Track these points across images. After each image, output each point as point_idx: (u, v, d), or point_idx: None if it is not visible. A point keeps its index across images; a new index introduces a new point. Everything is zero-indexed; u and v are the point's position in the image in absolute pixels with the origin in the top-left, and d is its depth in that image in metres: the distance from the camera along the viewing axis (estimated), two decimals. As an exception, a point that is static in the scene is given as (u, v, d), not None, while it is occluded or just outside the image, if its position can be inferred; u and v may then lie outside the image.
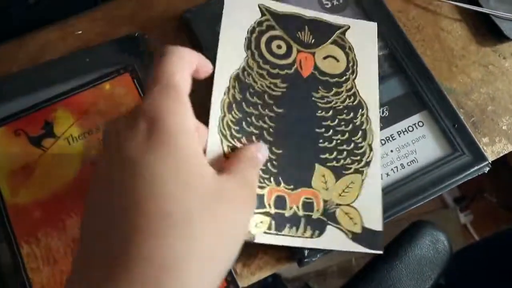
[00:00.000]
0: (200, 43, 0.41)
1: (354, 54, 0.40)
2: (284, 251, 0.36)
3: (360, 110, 0.38)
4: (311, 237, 0.34)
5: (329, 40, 0.40)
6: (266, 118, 0.36)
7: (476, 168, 0.38)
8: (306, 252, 0.35)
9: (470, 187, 1.24)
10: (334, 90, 0.39)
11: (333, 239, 0.34)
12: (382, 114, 0.40)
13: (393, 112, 0.40)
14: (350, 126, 0.38)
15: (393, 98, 0.41)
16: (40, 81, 0.39)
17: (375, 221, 0.36)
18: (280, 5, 0.40)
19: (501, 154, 0.40)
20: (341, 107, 0.38)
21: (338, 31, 0.40)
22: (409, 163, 0.39)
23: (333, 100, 0.38)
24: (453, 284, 0.63)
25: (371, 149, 0.37)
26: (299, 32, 0.40)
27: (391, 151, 0.39)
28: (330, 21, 0.41)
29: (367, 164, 0.37)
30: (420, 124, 0.40)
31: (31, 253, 0.35)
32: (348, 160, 0.37)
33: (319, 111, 0.38)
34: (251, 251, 0.36)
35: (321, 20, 0.40)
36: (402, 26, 0.42)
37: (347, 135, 0.38)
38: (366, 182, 0.37)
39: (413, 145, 0.39)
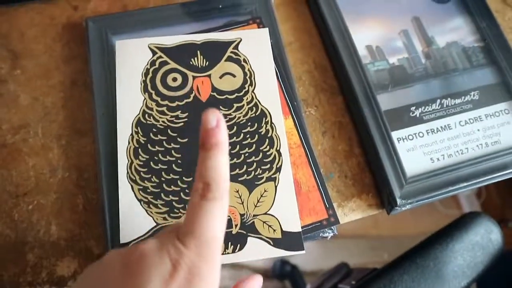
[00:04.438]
0: (323, 18, 0.45)
1: (250, 65, 0.41)
2: (376, 199, 0.40)
3: (264, 118, 0.39)
4: (233, 252, 0.35)
5: (223, 58, 0.41)
6: (172, 151, 0.38)
7: (554, 156, 0.42)
8: (398, 201, 0.39)
9: (495, 215, 1.27)
10: (235, 106, 0.40)
11: (255, 250, 0.35)
12: (473, 96, 0.44)
13: (483, 97, 0.44)
14: (256, 137, 0.39)
15: (485, 85, 0.45)
16: (174, 19, 0.44)
17: (293, 223, 0.36)
18: (170, 39, 0.42)
19: None
20: (244, 120, 0.39)
21: (231, 47, 0.42)
22: (492, 143, 0.43)
23: (235, 116, 0.39)
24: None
25: (279, 154, 0.38)
26: (192, 59, 0.41)
27: (478, 130, 0.43)
28: (222, 39, 0.42)
29: (278, 170, 0.38)
30: (506, 111, 0.44)
31: None
32: (259, 171, 0.38)
33: None
34: (347, 194, 0.40)
35: (213, 41, 0.42)
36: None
37: (254, 146, 0.38)
38: (279, 187, 0.37)
39: (498, 128, 0.43)
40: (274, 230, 0.36)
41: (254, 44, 0.42)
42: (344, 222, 0.40)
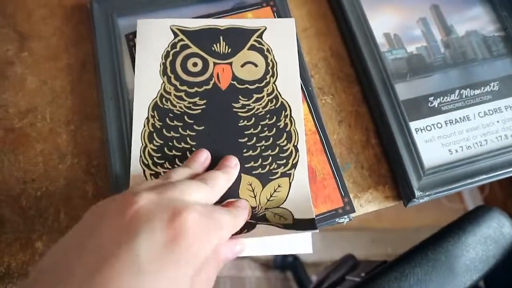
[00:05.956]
0: (340, 4, 0.44)
1: (273, 56, 0.40)
2: (392, 190, 0.39)
3: (283, 112, 0.38)
4: (240, 233, 0.33)
5: (246, 46, 0.40)
6: (187, 138, 0.37)
7: None
8: (416, 193, 0.38)
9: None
10: (255, 96, 0.38)
11: (265, 232, 0.33)
12: (493, 87, 0.43)
13: (503, 88, 0.43)
14: (274, 130, 0.38)
15: (505, 76, 0.43)
16: (180, 1, 0.43)
17: (306, 212, 0.35)
18: (193, 22, 0.40)
19: None
20: (263, 112, 0.38)
21: (254, 35, 0.41)
22: (512, 135, 0.42)
23: (254, 107, 0.38)
24: None
25: (296, 150, 0.37)
26: (214, 45, 0.40)
27: (497, 121, 0.42)
28: (246, 26, 0.41)
29: (294, 166, 0.37)
30: (527, 103, 0.43)
31: None
32: (274, 165, 0.37)
33: (241, 121, 0.38)
34: (363, 185, 0.39)
35: (237, 27, 0.41)
36: (519, 14, 0.46)
37: (271, 140, 0.37)
38: (294, 184, 0.36)
39: (518, 120, 0.42)
40: (286, 219, 0.35)
41: (279, 34, 0.41)
42: (361, 213, 0.39)
